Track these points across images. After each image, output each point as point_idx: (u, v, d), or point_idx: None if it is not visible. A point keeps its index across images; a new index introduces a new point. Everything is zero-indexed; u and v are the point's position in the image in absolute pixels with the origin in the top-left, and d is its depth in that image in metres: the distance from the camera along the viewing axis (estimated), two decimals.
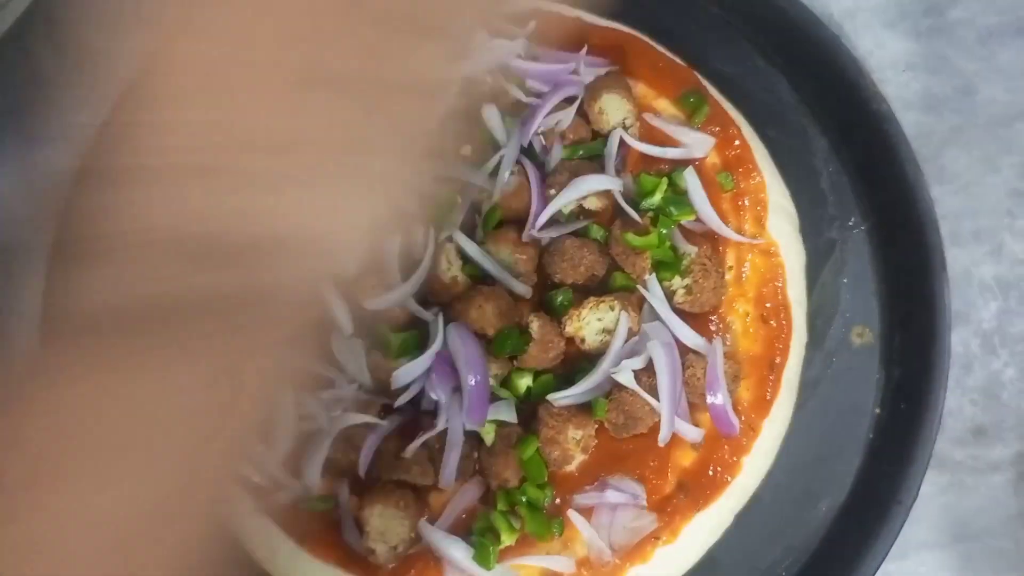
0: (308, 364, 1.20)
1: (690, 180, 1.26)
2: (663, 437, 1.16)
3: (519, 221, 1.26)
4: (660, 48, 1.37)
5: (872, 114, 1.31)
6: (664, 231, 1.23)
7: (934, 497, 1.30)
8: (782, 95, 1.40)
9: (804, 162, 1.37)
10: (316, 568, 1.19)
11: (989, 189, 1.40)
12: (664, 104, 1.34)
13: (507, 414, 1.17)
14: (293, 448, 1.20)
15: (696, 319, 1.24)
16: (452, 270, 1.23)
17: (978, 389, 1.33)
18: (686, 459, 1.21)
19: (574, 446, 1.18)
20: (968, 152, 1.42)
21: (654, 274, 1.22)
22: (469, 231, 1.25)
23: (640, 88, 1.34)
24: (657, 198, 1.25)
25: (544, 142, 1.30)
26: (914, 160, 1.28)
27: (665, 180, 1.26)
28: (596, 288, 1.25)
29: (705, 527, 1.20)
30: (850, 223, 1.36)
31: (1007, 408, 1.32)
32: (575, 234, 1.25)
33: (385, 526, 1.15)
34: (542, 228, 1.24)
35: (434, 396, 1.17)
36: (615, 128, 1.28)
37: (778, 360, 1.25)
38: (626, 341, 1.20)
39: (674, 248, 1.24)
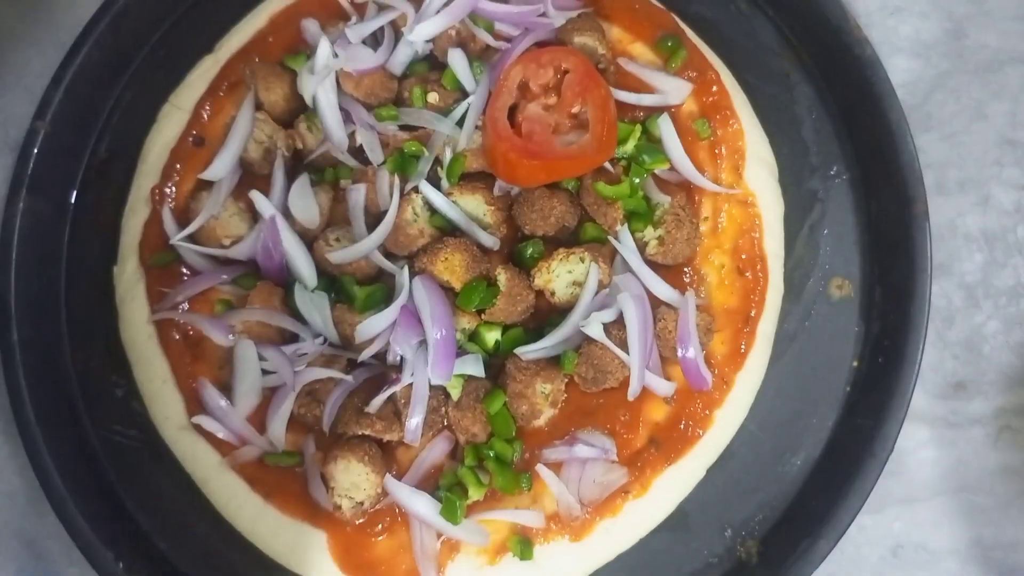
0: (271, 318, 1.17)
1: (665, 128, 1.22)
2: (633, 391, 1.13)
3: (485, 170, 1.22)
4: None
5: (856, 59, 1.26)
6: (637, 180, 1.19)
7: (913, 451, 1.28)
8: (764, 39, 1.34)
9: (786, 109, 1.33)
10: (283, 523, 1.17)
11: (977, 137, 1.36)
12: (640, 48, 1.29)
13: (474, 368, 1.14)
14: (258, 403, 1.18)
15: (670, 271, 1.21)
16: (419, 221, 1.19)
17: (960, 343, 1.30)
18: (658, 413, 1.19)
19: (543, 400, 1.15)
20: (956, 99, 1.37)
21: (626, 225, 1.19)
22: (434, 181, 1.21)
23: (615, 31, 1.29)
24: (630, 146, 1.21)
25: None
26: (899, 107, 1.24)
27: (639, 127, 1.21)
28: (567, 239, 1.21)
29: (676, 481, 1.18)
30: (832, 172, 1.31)
31: (989, 362, 1.29)
32: (545, 184, 1.21)
33: (351, 481, 1.13)
34: None
35: (399, 350, 1.14)
36: None
37: (753, 313, 1.22)
38: (596, 293, 1.17)
39: (647, 198, 1.20)
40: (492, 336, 1.18)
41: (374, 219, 1.20)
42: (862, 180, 1.30)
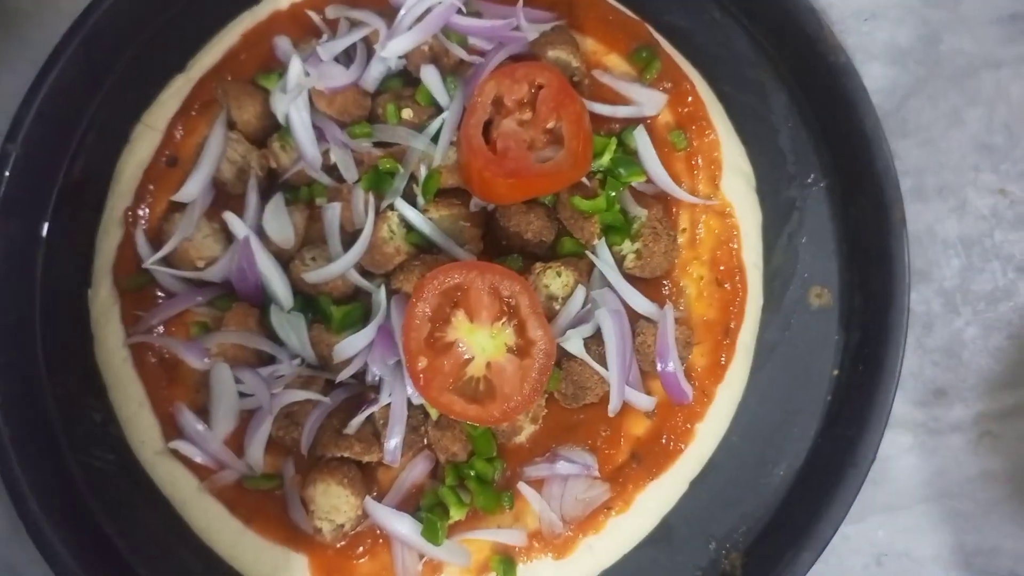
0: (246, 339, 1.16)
1: (640, 140, 1.22)
2: (613, 407, 1.13)
3: (461, 186, 1.21)
4: (610, 0, 1.31)
5: (831, 67, 1.26)
6: (613, 194, 1.19)
7: (894, 459, 1.28)
8: (739, 48, 1.34)
9: (762, 118, 1.32)
10: (263, 547, 1.16)
11: (954, 143, 1.36)
12: (615, 60, 1.28)
13: None
14: (235, 426, 1.17)
15: (648, 284, 1.20)
16: (395, 239, 1.19)
17: (939, 349, 1.30)
18: (639, 428, 1.19)
19: (523, 417, 1.15)
20: (933, 104, 1.37)
21: (603, 239, 1.18)
22: (410, 198, 1.20)
23: (589, 43, 1.28)
24: (606, 159, 1.20)
25: None
26: (874, 114, 1.24)
27: (614, 140, 1.21)
28: (545, 254, 1.21)
29: (659, 495, 1.18)
30: (809, 181, 1.31)
31: (968, 368, 1.29)
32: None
33: (331, 504, 1.12)
34: None
35: (376, 370, 1.14)
36: None
37: (733, 324, 1.21)
38: (582, 309, 1.16)
39: (624, 211, 1.20)
40: None
41: (350, 237, 1.19)
42: (839, 188, 1.30)
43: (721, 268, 1.22)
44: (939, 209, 1.34)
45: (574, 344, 1.13)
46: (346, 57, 1.24)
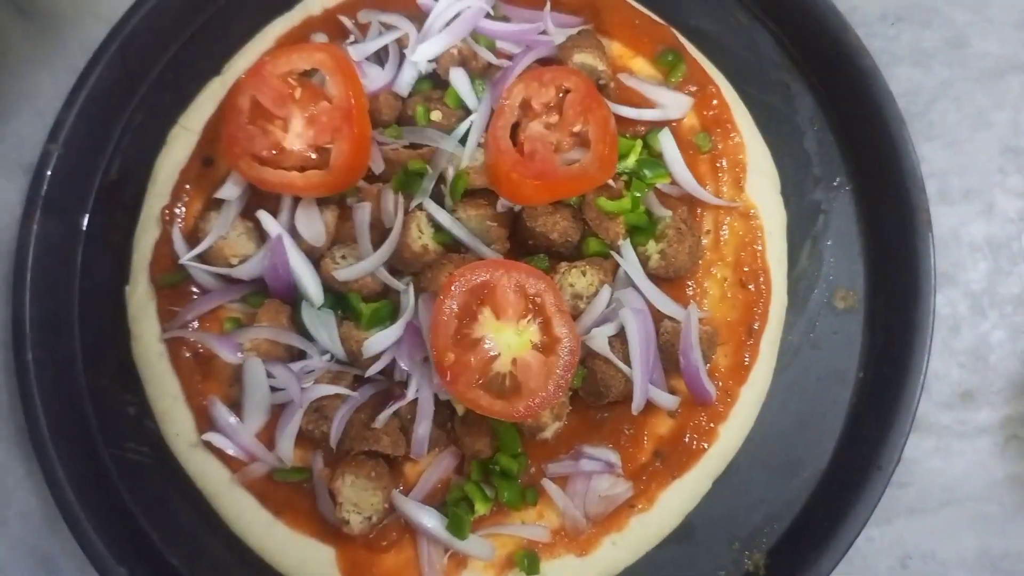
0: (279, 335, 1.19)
1: (665, 142, 1.23)
2: (636, 405, 1.14)
3: (488, 187, 1.23)
4: (636, 4, 1.33)
5: (856, 70, 1.27)
6: (638, 195, 1.20)
7: (920, 462, 1.27)
8: (764, 51, 1.35)
9: (787, 121, 1.33)
10: (292, 539, 1.19)
11: (980, 146, 1.35)
12: (641, 63, 1.30)
13: None
14: (267, 420, 1.20)
15: (673, 285, 1.22)
16: (423, 238, 1.21)
17: (966, 352, 1.30)
18: (662, 426, 1.20)
19: (548, 414, 1.16)
20: (959, 107, 1.37)
21: (628, 239, 1.20)
22: (438, 199, 1.22)
23: (615, 47, 1.30)
24: (631, 161, 1.22)
25: None
26: (899, 117, 1.24)
27: (640, 142, 1.22)
28: (571, 253, 1.22)
29: (682, 494, 1.19)
30: (835, 183, 1.32)
31: (995, 371, 1.29)
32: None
33: (358, 497, 1.14)
34: None
35: (404, 366, 1.16)
36: None
37: (757, 325, 1.22)
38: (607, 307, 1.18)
39: (649, 212, 1.21)
40: None
41: (380, 237, 1.21)
42: (865, 190, 1.30)
43: (745, 270, 1.23)
44: (965, 212, 1.34)
45: (598, 342, 1.14)
46: (377, 60, 1.27)
